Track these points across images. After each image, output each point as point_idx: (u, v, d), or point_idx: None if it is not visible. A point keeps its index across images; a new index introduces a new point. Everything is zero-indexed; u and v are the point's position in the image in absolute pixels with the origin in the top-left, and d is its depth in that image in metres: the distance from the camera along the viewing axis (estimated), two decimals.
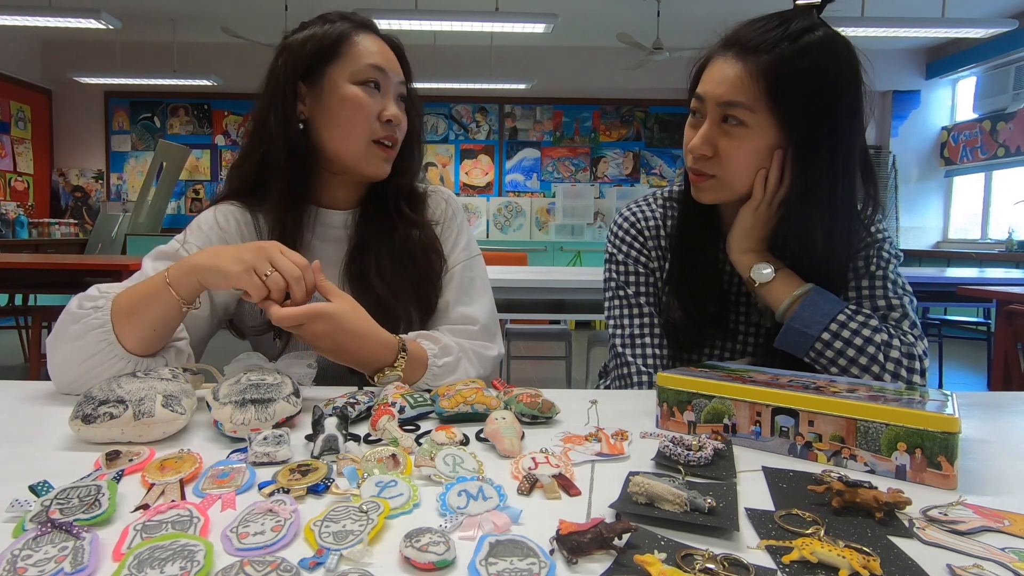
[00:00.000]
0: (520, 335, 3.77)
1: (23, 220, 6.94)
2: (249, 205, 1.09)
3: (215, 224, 1.06)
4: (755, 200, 0.96)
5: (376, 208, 1.10)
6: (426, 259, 1.09)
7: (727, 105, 0.92)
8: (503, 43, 7.32)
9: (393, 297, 1.04)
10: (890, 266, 1.00)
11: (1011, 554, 0.49)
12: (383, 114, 1.03)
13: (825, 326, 0.91)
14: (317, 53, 1.02)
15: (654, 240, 1.11)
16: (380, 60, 1.03)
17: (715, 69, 0.94)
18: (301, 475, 0.60)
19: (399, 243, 1.08)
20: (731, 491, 0.58)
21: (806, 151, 0.91)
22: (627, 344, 1.08)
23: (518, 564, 0.45)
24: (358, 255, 1.07)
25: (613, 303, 1.12)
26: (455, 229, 1.15)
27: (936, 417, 0.62)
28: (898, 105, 7.72)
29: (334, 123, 1.02)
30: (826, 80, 0.89)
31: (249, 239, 1.06)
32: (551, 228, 7.89)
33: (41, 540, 0.47)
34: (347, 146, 1.03)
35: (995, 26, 5.03)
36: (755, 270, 0.97)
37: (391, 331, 0.96)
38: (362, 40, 1.04)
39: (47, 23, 5.25)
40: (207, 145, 7.94)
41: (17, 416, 0.81)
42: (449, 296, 1.09)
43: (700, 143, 0.95)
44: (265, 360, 0.87)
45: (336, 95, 1.01)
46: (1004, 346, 2.79)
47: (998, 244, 6.79)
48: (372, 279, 1.05)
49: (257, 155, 1.05)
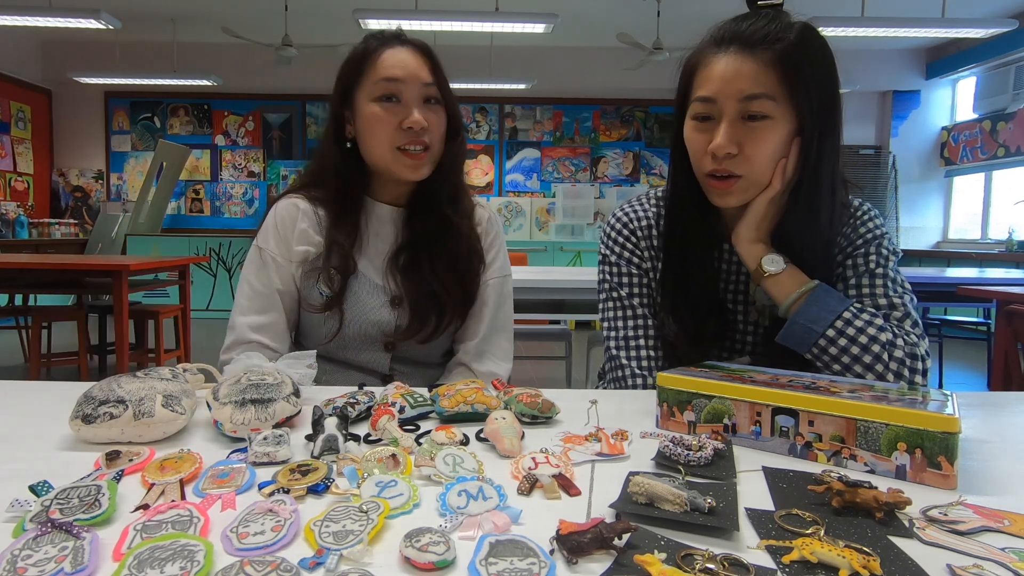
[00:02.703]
0: (520, 335, 3.75)
1: (23, 220, 6.94)
2: (311, 197, 1.20)
3: (273, 219, 1.19)
4: (773, 190, 0.95)
5: (424, 208, 1.19)
6: (469, 259, 1.21)
7: (749, 99, 0.90)
8: (503, 43, 7.32)
9: (443, 289, 1.16)
10: (889, 264, 1.00)
11: (1011, 554, 0.49)
12: (403, 123, 1.09)
13: (830, 323, 0.91)
14: (348, 79, 1.14)
15: (647, 240, 1.11)
16: (396, 71, 1.10)
17: (719, 67, 0.92)
18: (301, 475, 0.60)
19: (448, 244, 1.18)
20: (731, 491, 0.58)
21: (818, 136, 0.92)
22: (621, 347, 1.08)
23: (518, 564, 0.45)
24: (407, 249, 1.18)
25: (607, 305, 1.12)
26: (497, 246, 1.26)
27: (936, 417, 0.62)
28: (898, 105, 7.72)
29: (365, 139, 1.14)
30: (827, 65, 0.92)
31: (308, 226, 1.17)
32: (551, 228, 7.89)
33: (41, 540, 0.47)
34: (377, 156, 1.13)
35: (995, 26, 5.03)
36: (767, 260, 0.96)
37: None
38: (382, 56, 1.11)
39: (47, 23, 5.25)
40: (207, 145, 7.94)
41: (17, 416, 0.81)
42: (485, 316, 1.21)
43: (727, 142, 0.91)
44: (265, 360, 0.87)
45: (363, 115, 1.12)
46: (1004, 346, 2.79)
47: (998, 244, 6.79)
48: (424, 270, 1.16)
49: (318, 164, 1.21)
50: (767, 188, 0.96)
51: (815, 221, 0.96)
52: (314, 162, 1.24)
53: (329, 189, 1.18)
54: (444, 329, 1.18)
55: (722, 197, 0.97)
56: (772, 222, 0.98)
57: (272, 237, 1.17)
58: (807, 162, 0.94)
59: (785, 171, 0.94)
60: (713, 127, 0.94)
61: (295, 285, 1.17)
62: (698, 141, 0.96)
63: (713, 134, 0.93)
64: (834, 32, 4.93)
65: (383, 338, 1.17)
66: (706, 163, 0.95)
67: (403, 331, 1.15)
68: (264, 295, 1.15)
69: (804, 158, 0.94)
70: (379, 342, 1.17)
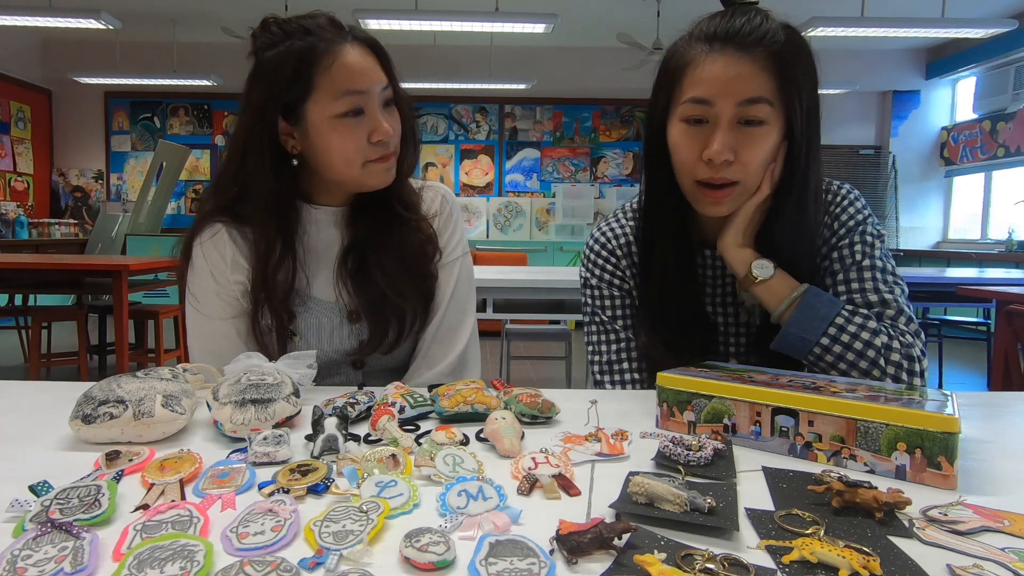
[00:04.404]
0: (520, 335, 3.77)
1: (23, 220, 6.94)
2: (235, 218, 1.06)
3: (202, 257, 1.06)
4: (762, 194, 0.94)
5: (369, 205, 1.09)
6: (423, 254, 1.11)
7: (748, 103, 0.87)
8: (503, 43, 7.32)
9: (397, 293, 1.07)
10: (876, 251, 0.97)
11: (1011, 554, 0.49)
12: (372, 136, 0.99)
13: (824, 330, 0.89)
14: (291, 89, 0.97)
15: (627, 258, 1.08)
16: (357, 81, 0.97)
17: (716, 68, 0.88)
18: (301, 475, 0.60)
19: (396, 241, 1.08)
20: (731, 491, 0.58)
21: (805, 139, 0.92)
22: (604, 371, 1.07)
23: (518, 564, 0.45)
24: (354, 252, 1.08)
25: (591, 328, 1.10)
26: (451, 225, 1.16)
27: (936, 417, 0.62)
28: (898, 105, 7.72)
29: (326, 157, 1.00)
30: (813, 67, 0.91)
31: (238, 252, 1.05)
32: (551, 228, 7.89)
33: (41, 540, 0.47)
34: (345, 173, 1.01)
35: (995, 26, 5.03)
36: (756, 266, 0.94)
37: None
38: (334, 62, 0.96)
39: (47, 23, 5.25)
40: (207, 145, 7.94)
41: (17, 416, 0.81)
42: (440, 299, 1.12)
43: (724, 149, 0.87)
44: (265, 360, 0.87)
45: (321, 134, 0.98)
46: (1004, 346, 2.79)
47: (998, 244, 6.79)
48: (375, 276, 1.06)
49: (239, 182, 1.03)
50: (756, 193, 0.94)
51: (803, 224, 0.95)
52: (234, 185, 1.03)
53: (257, 212, 1.03)
54: (408, 335, 1.11)
55: (714, 206, 0.94)
56: (757, 227, 0.97)
57: (204, 276, 1.05)
58: (795, 166, 0.92)
59: (773, 175, 0.93)
60: (705, 131, 0.89)
61: (244, 308, 1.06)
62: (689, 147, 0.91)
63: (706, 140, 0.89)
64: (834, 32, 4.93)
65: (348, 358, 1.10)
66: (699, 171, 0.91)
67: (366, 347, 1.08)
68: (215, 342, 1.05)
69: (792, 162, 0.92)
70: (346, 363, 1.11)
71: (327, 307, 1.08)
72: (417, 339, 1.14)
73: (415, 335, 1.13)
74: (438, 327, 1.12)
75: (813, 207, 0.96)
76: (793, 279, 0.94)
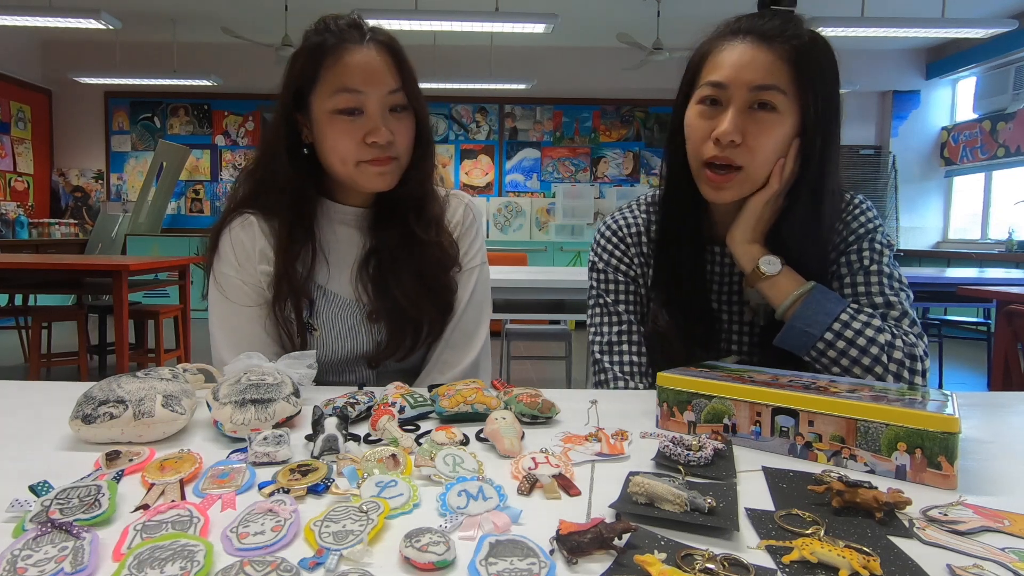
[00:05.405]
0: (520, 335, 3.77)
1: (23, 220, 6.94)
2: (263, 209, 1.10)
3: (229, 242, 1.09)
4: (770, 189, 0.94)
5: (390, 211, 1.10)
6: (443, 267, 1.12)
7: (760, 89, 0.89)
8: (503, 43, 7.32)
9: (413, 305, 1.08)
10: (884, 259, 0.99)
11: (1011, 554, 0.49)
12: (367, 138, 0.99)
13: (828, 326, 0.90)
14: (301, 80, 1.02)
15: (636, 247, 1.10)
16: (357, 81, 0.98)
17: (734, 54, 0.91)
18: (301, 475, 0.60)
19: (415, 258, 1.09)
20: (731, 491, 0.58)
21: (821, 138, 0.92)
22: (604, 351, 1.08)
23: (518, 564, 0.45)
24: (374, 259, 1.10)
25: (594, 310, 1.12)
26: (472, 234, 1.18)
27: (936, 417, 0.62)
28: (898, 105, 7.72)
29: (323, 149, 1.04)
30: (834, 71, 0.93)
31: (267, 245, 1.08)
32: (551, 228, 7.89)
33: (41, 540, 0.47)
34: (338, 169, 1.04)
35: (995, 26, 5.03)
36: (764, 262, 0.95)
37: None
38: (341, 58, 0.98)
39: (47, 23, 5.25)
40: (207, 145, 7.94)
41: (17, 416, 0.81)
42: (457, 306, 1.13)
43: (732, 128, 0.89)
44: (265, 360, 0.87)
45: (320, 124, 1.01)
46: (1004, 346, 2.79)
47: (998, 244, 6.79)
48: (392, 289, 1.08)
49: (268, 169, 1.08)
50: (764, 188, 0.95)
51: (817, 224, 0.96)
52: (259, 171, 1.09)
53: (280, 202, 1.07)
54: (423, 344, 1.12)
55: (717, 191, 0.95)
56: (767, 224, 0.98)
57: (231, 263, 1.07)
58: (808, 163, 0.93)
59: (783, 171, 0.94)
60: (718, 113, 0.92)
61: (268, 298, 1.08)
62: (701, 126, 0.94)
63: (717, 121, 0.92)
64: (834, 32, 4.93)
65: (366, 357, 1.11)
66: (707, 149, 0.93)
67: (384, 351, 1.10)
68: (239, 329, 1.06)
69: (804, 159, 0.93)
70: (362, 362, 1.12)
71: (346, 304, 1.10)
72: (432, 345, 1.15)
73: (431, 342, 1.14)
74: (453, 332, 1.13)
75: (828, 210, 0.96)
76: (800, 276, 0.95)
